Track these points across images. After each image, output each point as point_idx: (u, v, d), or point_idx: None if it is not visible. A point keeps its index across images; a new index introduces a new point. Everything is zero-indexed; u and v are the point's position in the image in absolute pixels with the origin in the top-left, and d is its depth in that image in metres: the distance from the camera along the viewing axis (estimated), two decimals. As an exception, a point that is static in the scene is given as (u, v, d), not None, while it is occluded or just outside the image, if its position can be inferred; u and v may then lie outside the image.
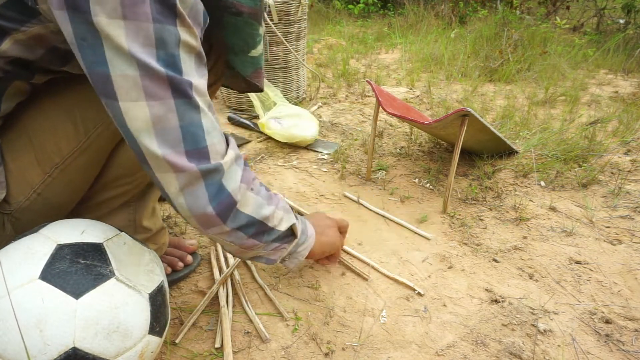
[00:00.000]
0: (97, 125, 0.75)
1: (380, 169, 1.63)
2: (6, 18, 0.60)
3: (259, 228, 0.74)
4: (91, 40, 0.54)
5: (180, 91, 0.57)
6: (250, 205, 0.71)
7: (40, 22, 0.61)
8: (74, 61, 0.69)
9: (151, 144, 0.58)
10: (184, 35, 0.57)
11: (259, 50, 0.76)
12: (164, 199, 1.35)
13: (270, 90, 1.92)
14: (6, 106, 0.71)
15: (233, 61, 0.77)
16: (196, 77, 0.60)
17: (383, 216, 1.34)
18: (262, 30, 0.74)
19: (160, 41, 0.54)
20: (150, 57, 0.54)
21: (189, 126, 0.59)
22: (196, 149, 0.61)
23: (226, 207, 0.66)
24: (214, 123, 0.63)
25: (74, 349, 0.59)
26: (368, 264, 1.11)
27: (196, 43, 0.59)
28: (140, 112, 0.56)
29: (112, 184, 0.85)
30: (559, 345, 0.90)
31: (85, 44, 0.54)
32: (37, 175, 0.74)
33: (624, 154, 1.77)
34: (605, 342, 0.91)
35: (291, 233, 0.83)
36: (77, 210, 0.86)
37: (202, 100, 0.61)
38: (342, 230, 1.03)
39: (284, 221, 0.79)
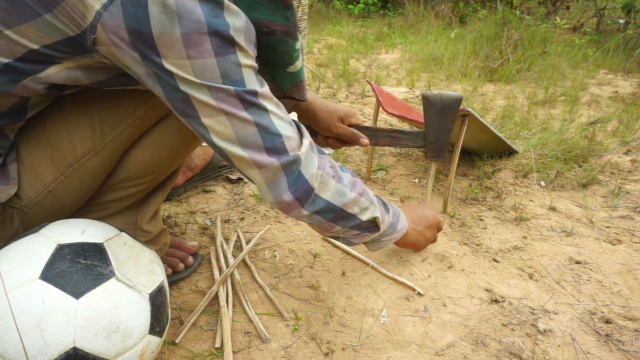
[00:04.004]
0: (114, 128, 0.77)
1: (380, 169, 1.63)
2: (59, 51, 0.63)
3: (338, 214, 0.78)
4: (164, 77, 0.61)
5: (249, 102, 0.64)
6: (330, 191, 0.75)
7: (92, 57, 0.64)
8: (114, 82, 0.71)
9: (236, 150, 0.67)
10: (243, 60, 0.63)
11: (297, 66, 0.75)
12: (167, 199, 1.36)
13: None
14: (31, 113, 0.73)
15: (272, 74, 0.76)
16: (258, 86, 0.66)
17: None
18: (298, 45, 0.73)
19: (224, 72, 0.61)
20: (218, 83, 0.62)
21: (263, 128, 0.66)
22: (274, 145, 0.68)
23: (304, 192, 0.72)
24: (284, 119, 0.70)
25: (75, 349, 0.59)
26: (368, 264, 1.11)
27: (253, 62, 0.65)
28: (220, 126, 0.65)
29: (119, 185, 0.86)
30: (559, 345, 0.90)
31: (159, 80, 0.61)
32: (50, 173, 0.76)
33: (624, 154, 1.77)
34: (605, 342, 0.91)
35: (374, 225, 0.85)
36: (81, 209, 0.87)
37: (269, 103, 0.67)
38: (438, 229, 1.07)
39: (367, 211, 0.82)
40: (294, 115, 1.07)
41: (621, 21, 4.23)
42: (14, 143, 0.74)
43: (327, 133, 1.06)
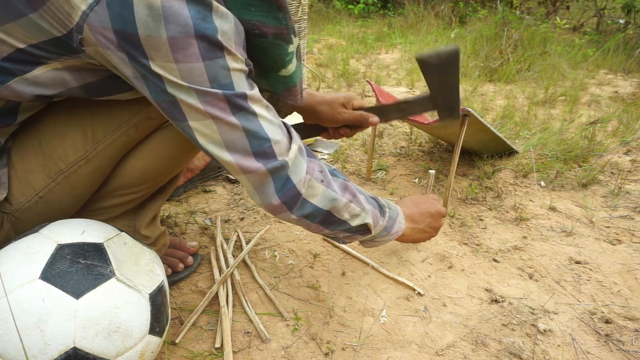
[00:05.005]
0: (107, 136, 0.77)
1: (380, 169, 1.63)
2: (46, 51, 0.62)
3: (325, 218, 0.77)
4: (152, 79, 0.60)
5: (238, 106, 0.63)
6: (318, 197, 0.74)
7: (80, 57, 0.63)
8: (104, 86, 0.70)
9: (223, 154, 0.66)
10: (232, 64, 0.61)
11: (289, 69, 0.73)
12: (167, 199, 1.36)
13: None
14: (22, 117, 0.72)
15: (265, 77, 0.75)
16: (248, 89, 0.64)
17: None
18: (292, 48, 0.70)
19: (212, 76, 0.60)
20: (206, 87, 0.60)
21: (252, 133, 0.65)
22: (262, 149, 0.67)
23: (291, 197, 0.71)
24: (273, 123, 0.68)
25: (75, 349, 0.59)
26: (368, 264, 1.11)
27: (243, 65, 0.64)
28: (207, 130, 0.64)
29: (115, 192, 0.86)
30: (559, 345, 0.90)
31: (146, 82, 0.61)
32: (41, 179, 0.75)
33: (624, 154, 1.77)
34: (605, 342, 0.91)
35: (366, 228, 0.84)
36: (77, 214, 0.86)
37: (258, 106, 0.66)
38: (443, 216, 1.04)
39: (358, 218, 0.81)
40: (297, 116, 1.06)
41: (621, 21, 4.23)
42: (6, 148, 0.73)
43: (334, 124, 1.04)
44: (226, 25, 0.59)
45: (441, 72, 0.99)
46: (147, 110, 0.77)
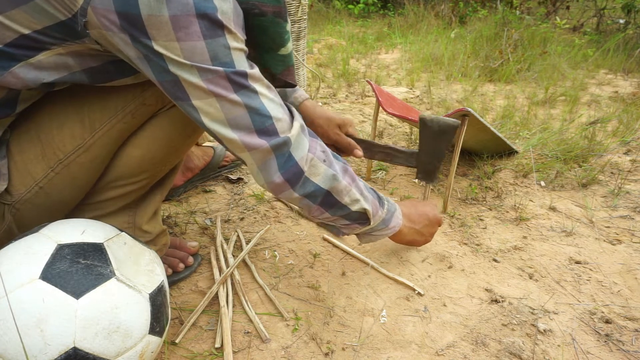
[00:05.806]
0: (104, 124, 0.77)
1: (380, 169, 1.63)
2: (50, 36, 0.63)
3: (326, 199, 0.78)
4: (154, 59, 0.62)
5: (239, 84, 0.65)
6: (320, 175, 0.76)
7: (83, 42, 0.64)
8: (105, 71, 0.71)
9: (226, 132, 0.68)
10: (232, 42, 0.63)
11: (288, 48, 0.76)
12: (166, 199, 1.36)
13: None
14: (21, 107, 0.73)
15: (263, 59, 0.77)
16: (248, 68, 0.66)
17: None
18: (289, 27, 0.73)
19: (213, 54, 0.62)
20: (207, 65, 0.62)
21: (254, 110, 0.67)
22: (264, 127, 0.68)
23: (294, 174, 0.72)
24: (274, 101, 0.70)
25: (75, 349, 0.59)
26: (368, 264, 1.11)
27: (242, 45, 0.66)
28: (210, 108, 0.65)
29: (113, 184, 0.86)
30: (559, 345, 0.90)
31: (149, 62, 0.62)
32: (41, 169, 0.76)
33: (624, 154, 1.77)
34: (605, 342, 0.91)
35: (365, 217, 0.85)
36: (77, 208, 0.86)
37: (259, 85, 0.68)
38: (439, 225, 1.07)
39: (357, 202, 0.82)
40: None
41: (621, 21, 4.23)
42: (4, 140, 0.74)
43: (324, 140, 1.08)
44: (225, 6, 0.61)
45: (434, 138, 1.07)
46: (142, 97, 0.78)
